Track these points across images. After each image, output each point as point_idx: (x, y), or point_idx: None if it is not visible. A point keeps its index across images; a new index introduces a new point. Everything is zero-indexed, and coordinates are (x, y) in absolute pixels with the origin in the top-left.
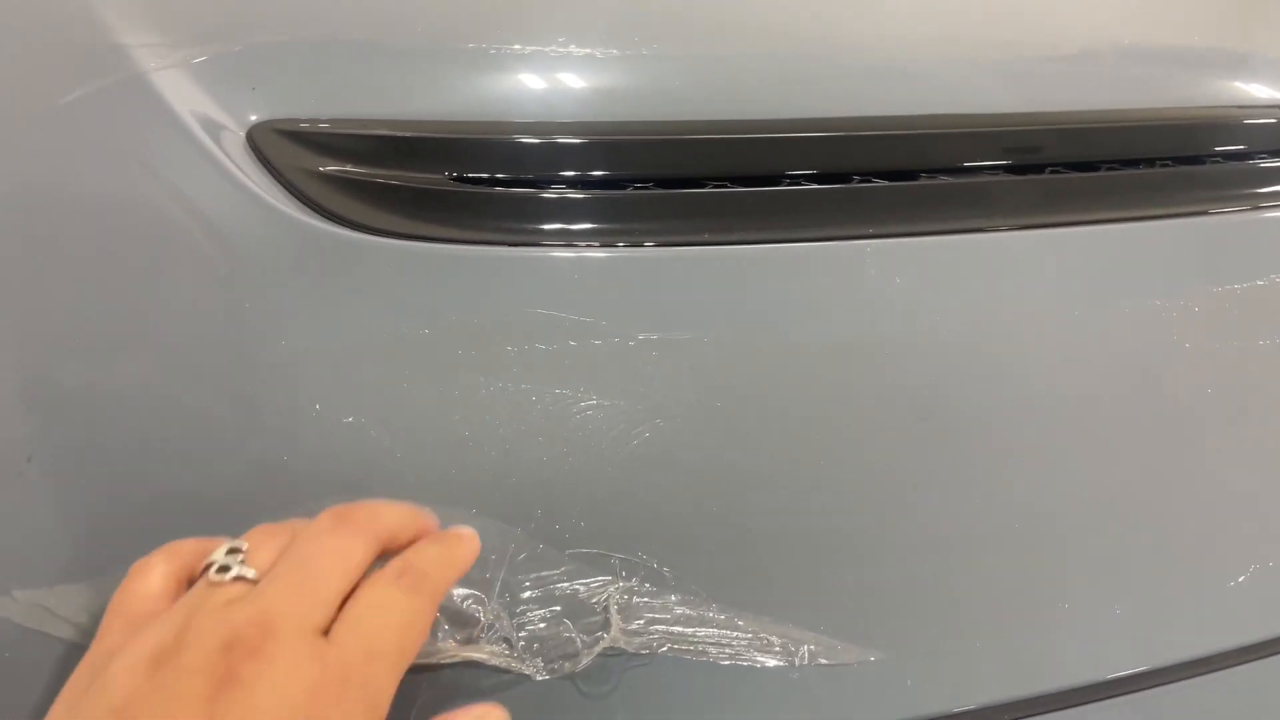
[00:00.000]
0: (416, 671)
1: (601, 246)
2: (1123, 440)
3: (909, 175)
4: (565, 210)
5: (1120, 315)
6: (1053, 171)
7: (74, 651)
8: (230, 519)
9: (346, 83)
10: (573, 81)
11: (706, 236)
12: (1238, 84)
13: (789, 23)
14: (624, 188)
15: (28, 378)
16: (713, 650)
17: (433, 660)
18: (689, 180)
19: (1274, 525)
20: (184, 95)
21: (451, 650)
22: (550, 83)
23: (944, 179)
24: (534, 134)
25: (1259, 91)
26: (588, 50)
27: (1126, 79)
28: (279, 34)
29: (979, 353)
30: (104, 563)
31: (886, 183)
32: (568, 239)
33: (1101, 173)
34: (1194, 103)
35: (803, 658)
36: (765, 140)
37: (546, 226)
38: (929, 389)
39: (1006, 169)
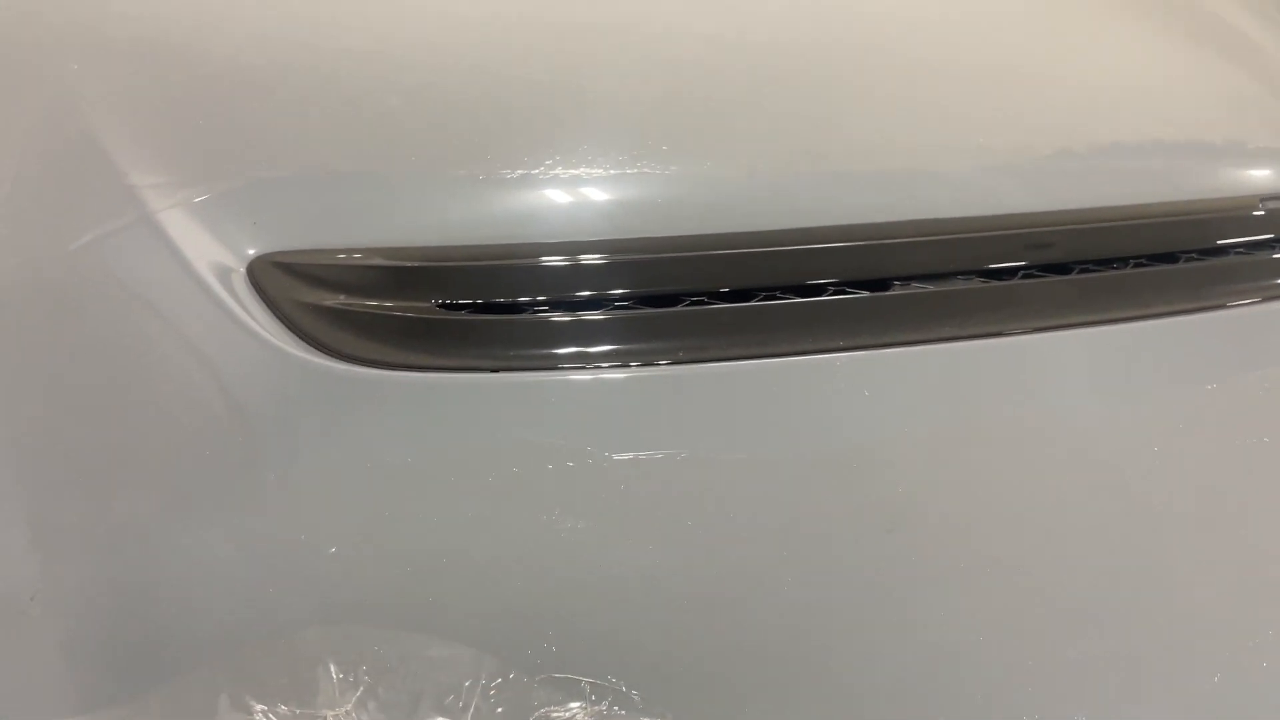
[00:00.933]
0: None
1: (580, 369)
2: (1094, 548)
3: (882, 285)
4: (544, 334)
5: (1090, 421)
6: (1026, 276)
7: None
8: (223, 653)
9: (342, 212)
10: (558, 198)
11: (685, 355)
12: (1250, 173)
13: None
14: (604, 306)
15: (31, 516)
16: None
17: None
18: (671, 297)
19: (1243, 634)
20: (187, 233)
21: None
22: (533, 205)
23: (916, 287)
24: (516, 256)
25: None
26: (572, 172)
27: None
28: (277, 169)
29: (949, 462)
30: (101, 701)
31: (855, 294)
32: (548, 362)
33: (1074, 275)
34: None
35: None
36: (740, 255)
37: (526, 351)
38: (899, 500)
39: (986, 274)
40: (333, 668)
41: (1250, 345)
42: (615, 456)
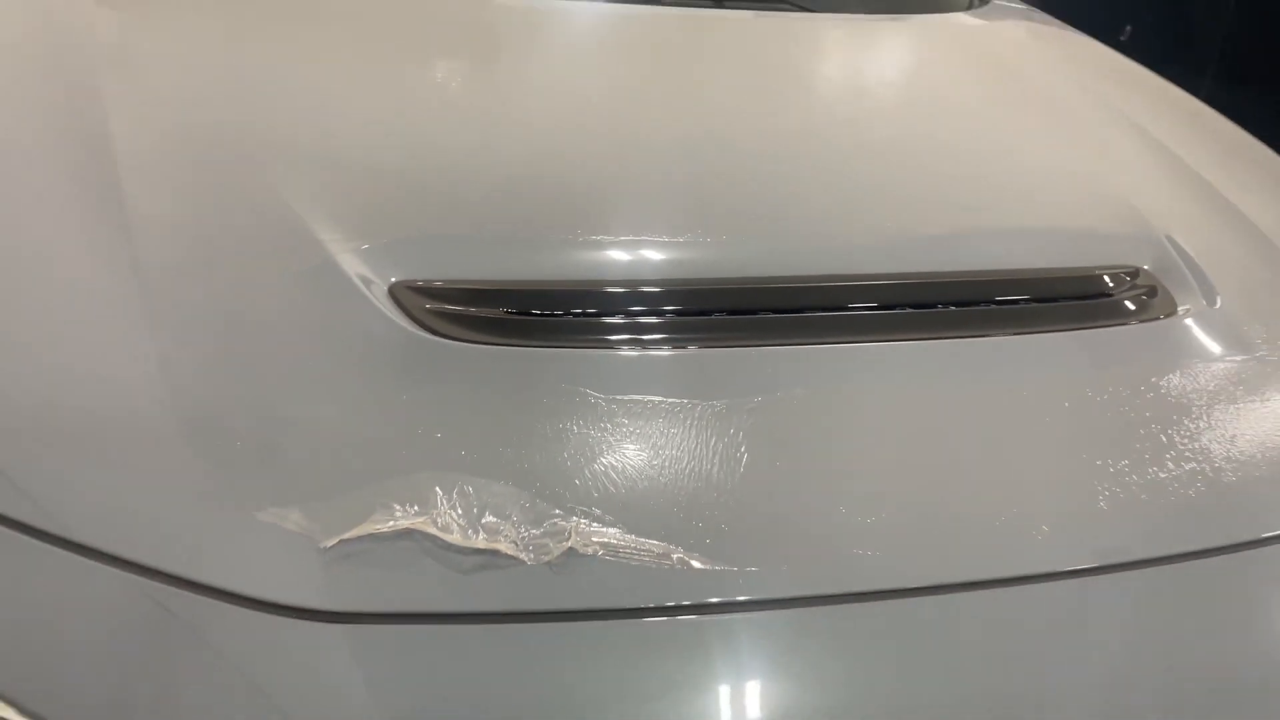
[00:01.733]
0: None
1: (595, 348)
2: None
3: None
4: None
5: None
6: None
7: None
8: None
9: (448, 257)
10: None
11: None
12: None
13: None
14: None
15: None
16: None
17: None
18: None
19: None
20: (355, 267)
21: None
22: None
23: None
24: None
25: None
26: (611, 238)
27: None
28: (411, 231)
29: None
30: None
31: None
32: (574, 344)
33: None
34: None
35: None
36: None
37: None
38: None
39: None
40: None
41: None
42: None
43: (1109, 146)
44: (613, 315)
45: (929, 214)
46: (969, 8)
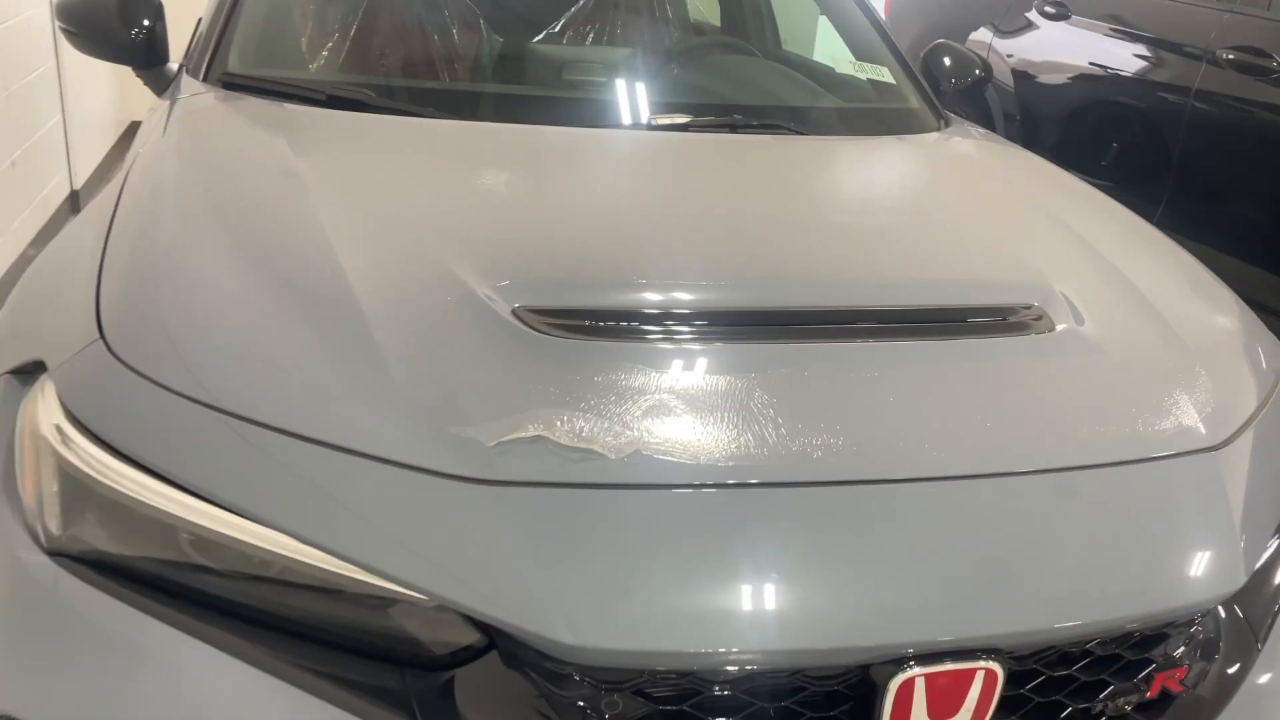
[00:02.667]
0: None
1: (645, 342)
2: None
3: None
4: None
5: None
6: None
7: None
8: None
9: (550, 295)
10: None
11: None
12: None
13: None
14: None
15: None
16: None
17: None
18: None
19: None
20: (490, 298)
21: None
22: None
23: None
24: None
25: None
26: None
27: None
28: (523, 277)
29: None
30: None
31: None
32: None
33: None
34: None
35: None
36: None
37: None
38: None
39: None
40: (551, 417)
41: None
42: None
43: (1029, 230)
44: (651, 325)
45: (895, 268)
46: (937, 129)
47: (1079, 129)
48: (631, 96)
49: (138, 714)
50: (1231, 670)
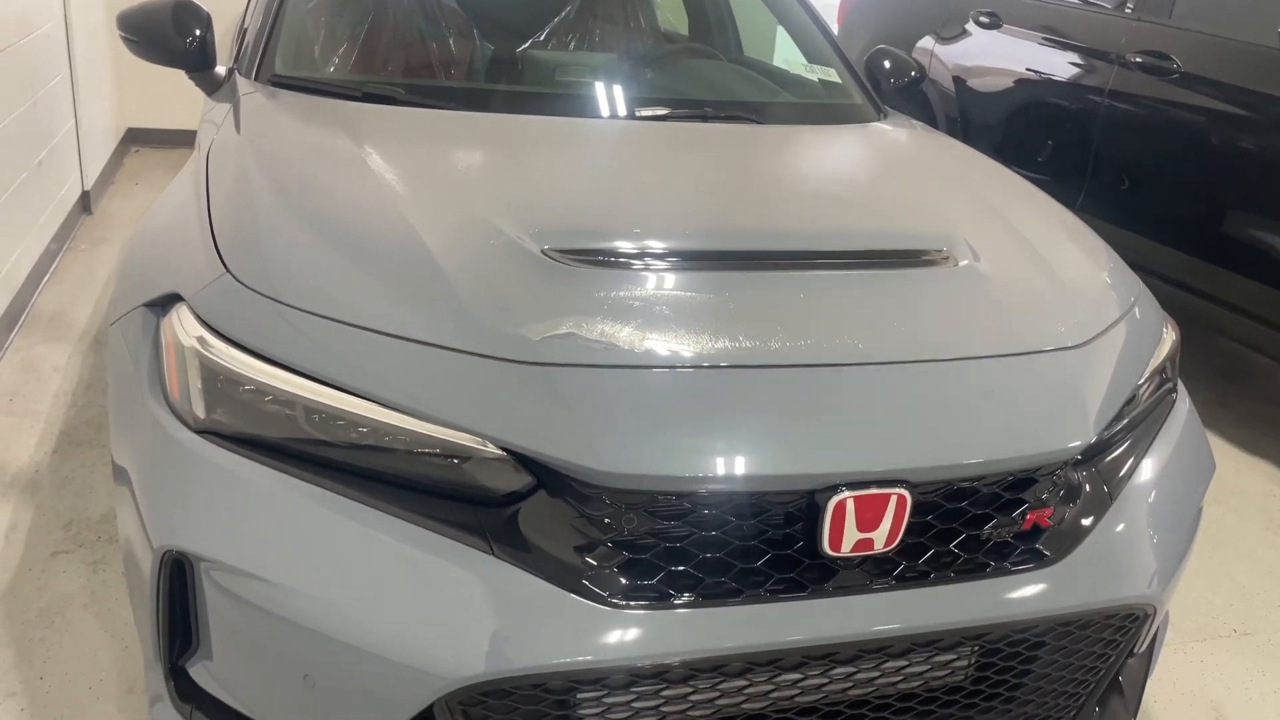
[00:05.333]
0: None
1: (644, 270)
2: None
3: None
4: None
5: None
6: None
7: None
8: None
9: (571, 239)
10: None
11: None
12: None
13: None
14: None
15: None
16: None
17: None
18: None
19: None
20: (525, 242)
21: None
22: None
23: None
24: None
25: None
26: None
27: None
28: (552, 227)
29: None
30: None
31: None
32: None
33: None
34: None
35: None
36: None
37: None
38: None
39: None
40: (579, 318)
41: None
42: (654, 286)
43: (943, 195)
44: (647, 259)
45: (836, 221)
46: (877, 120)
47: (1012, 127)
48: (619, 92)
49: (277, 544)
50: (1089, 515)
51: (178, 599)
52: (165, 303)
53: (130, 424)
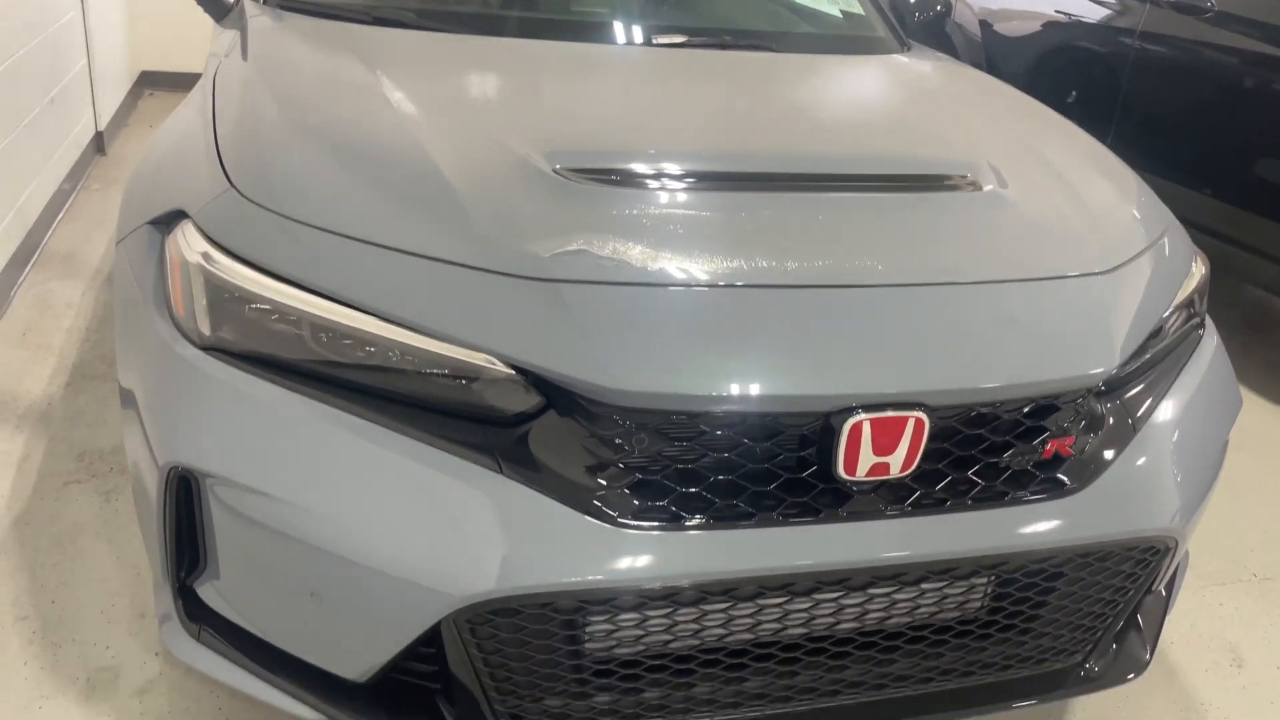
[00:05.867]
0: None
1: (652, 190)
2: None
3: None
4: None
5: None
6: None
7: None
8: None
9: (581, 159)
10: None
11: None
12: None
13: None
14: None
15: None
16: None
17: None
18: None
19: None
20: (536, 161)
21: None
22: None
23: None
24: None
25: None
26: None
27: None
28: (561, 148)
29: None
30: None
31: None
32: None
33: None
34: None
35: None
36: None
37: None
38: None
39: None
40: (589, 234)
41: None
42: (663, 205)
43: (968, 123)
44: (659, 179)
45: (857, 146)
46: (899, 52)
47: (1039, 70)
48: (636, 19)
49: (283, 460)
50: (1111, 446)
51: (185, 517)
52: (170, 220)
53: (136, 344)
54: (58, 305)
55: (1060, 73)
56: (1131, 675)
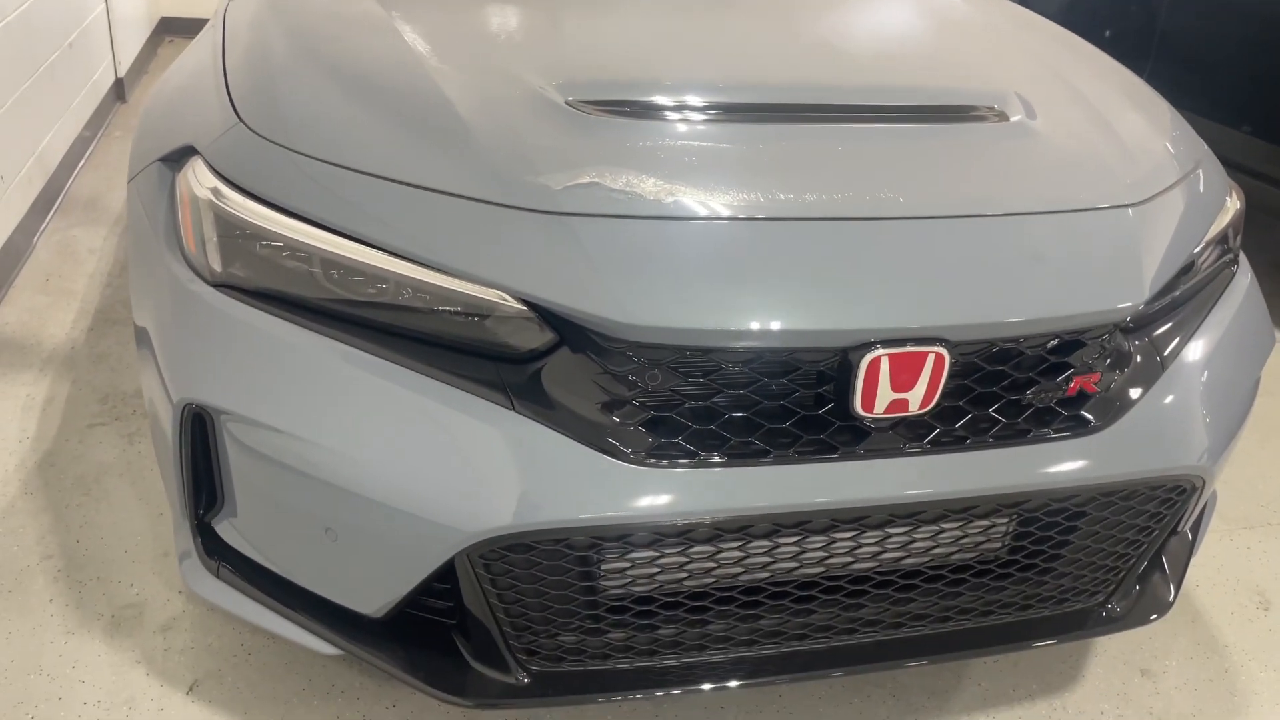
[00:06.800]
0: None
1: (667, 121)
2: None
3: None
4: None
5: None
6: None
7: None
8: None
9: (593, 91)
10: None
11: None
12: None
13: None
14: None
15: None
16: None
17: None
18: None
19: None
20: (549, 92)
21: None
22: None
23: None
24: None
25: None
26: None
27: None
28: (575, 79)
29: None
30: None
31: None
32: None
33: None
34: None
35: None
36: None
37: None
38: None
39: None
40: (601, 167)
41: None
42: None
43: (1000, 53)
44: (676, 110)
45: (885, 77)
46: None
47: (1075, 8)
48: None
49: (295, 397)
50: (1138, 384)
51: (201, 455)
52: (181, 157)
53: (148, 282)
54: (80, 251)
55: (1095, 8)
56: (1154, 616)
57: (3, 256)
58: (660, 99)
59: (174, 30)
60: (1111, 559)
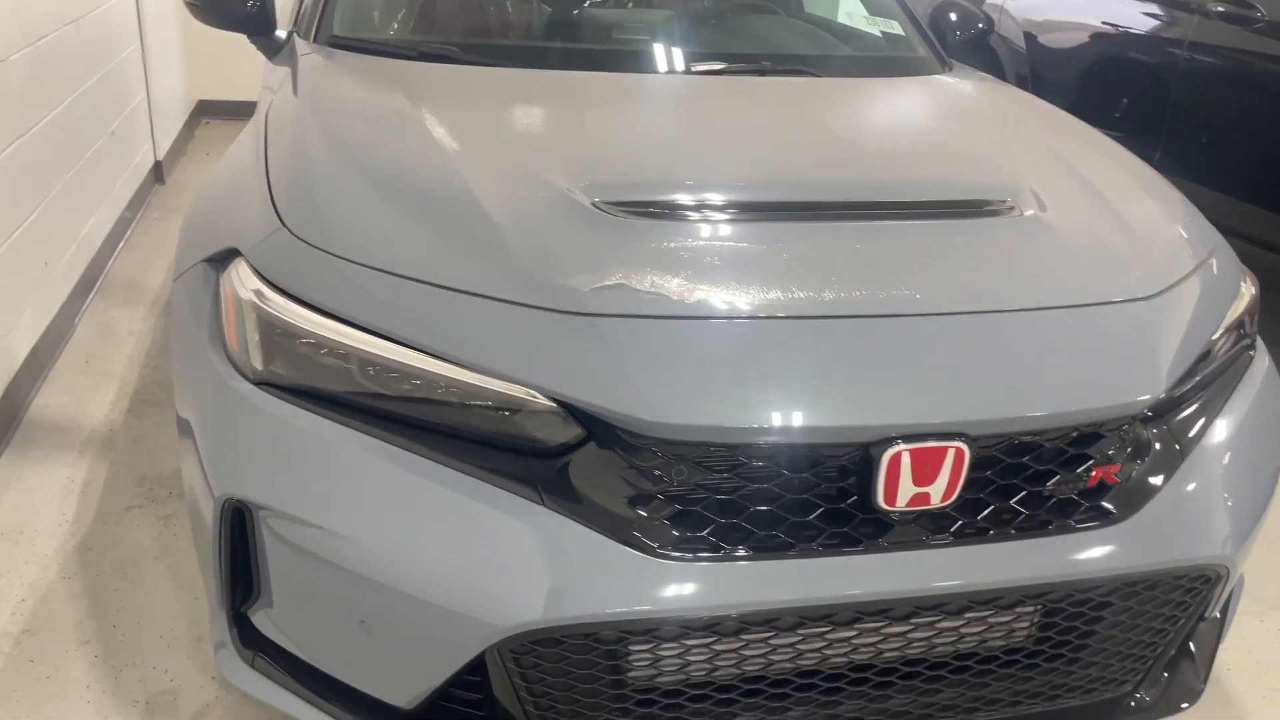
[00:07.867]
0: None
1: (690, 221)
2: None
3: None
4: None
5: None
6: None
7: None
8: None
9: (617, 193)
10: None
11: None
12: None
13: None
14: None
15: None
16: None
17: None
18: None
19: None
20: (576, 195)
21: None
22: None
23: None
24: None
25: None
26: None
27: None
28: (599, 181)
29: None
30: None
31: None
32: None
33: None
34: None
35: None
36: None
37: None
38: None
39: None
40: (628, 269)
41: None
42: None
43: (1010, 145)
44: (699, 210)
45: (897, 172)
46: (941, 72)
47: (1087, 83)
48: (675, 48)
49: (332, 492)
50: (1159, 473)
51: (239, 547)
52: (225, 258)
53: (192, 376)
54: (119, 332)
55: (1108, 85)
56: (1185, 705)
57: (46, 339)
58: (682, 198)
59: (210, 113)
60: (1138, 648)
